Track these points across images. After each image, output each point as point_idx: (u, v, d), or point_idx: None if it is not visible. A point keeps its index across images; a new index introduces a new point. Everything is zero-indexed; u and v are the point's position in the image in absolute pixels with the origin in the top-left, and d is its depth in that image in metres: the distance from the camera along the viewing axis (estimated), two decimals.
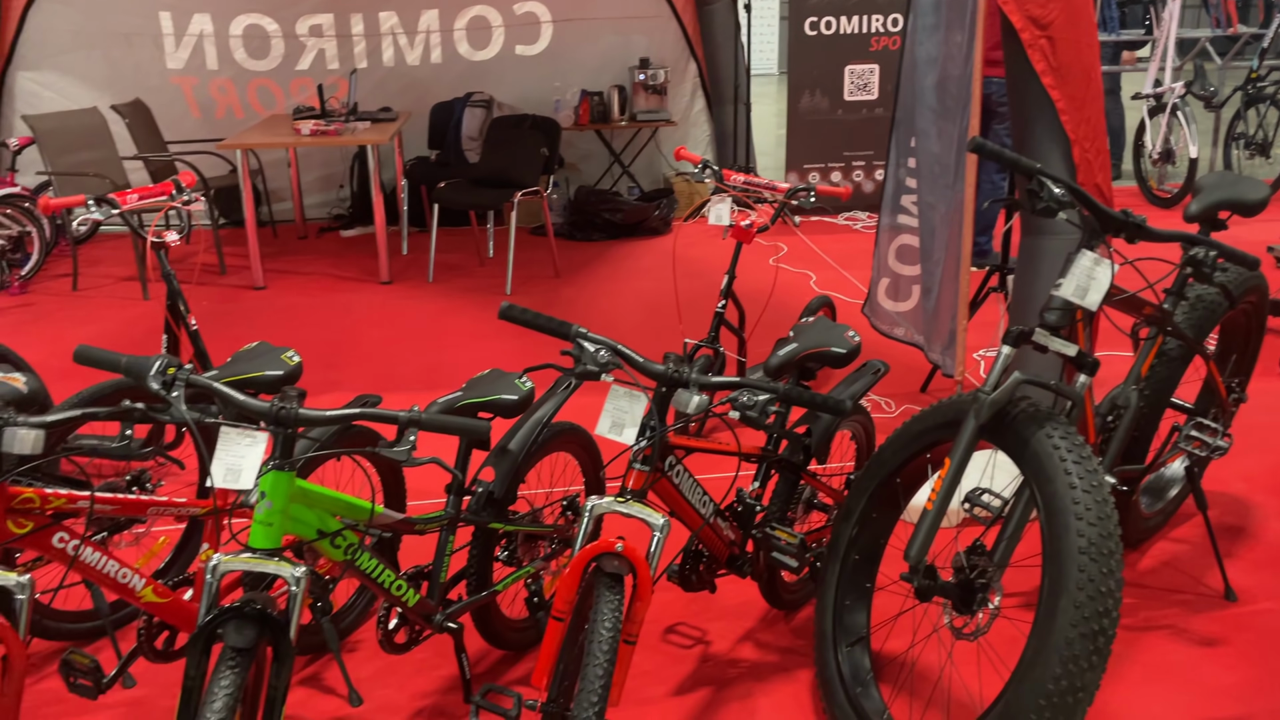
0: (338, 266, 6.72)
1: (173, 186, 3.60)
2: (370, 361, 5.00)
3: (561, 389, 2.61)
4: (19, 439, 1.73)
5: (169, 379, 1.80)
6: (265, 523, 1.85)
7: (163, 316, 3.65)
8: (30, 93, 7.46)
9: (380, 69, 7.67)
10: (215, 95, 7.59)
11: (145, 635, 2.31)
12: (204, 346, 3.60)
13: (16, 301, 6.08)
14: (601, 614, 1.91)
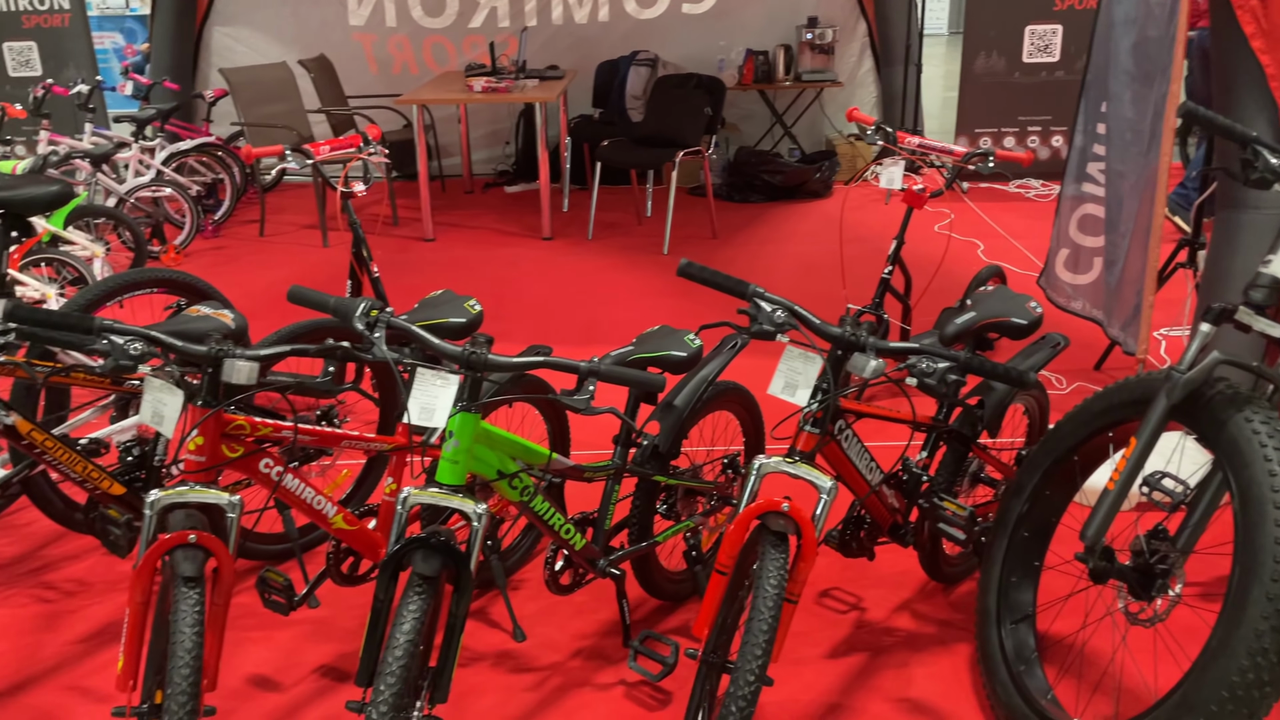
0: (502, 221, 6.91)
1: (360, 139, 3.78)
2: (531, 314, 5.14)
3: (728, 348, 2.62)
4: (237, 369, 1.88)
5: (372, 321, 1.91)
6: (452, 460, 1.95)
7: (341, 263, 3.85)
8: (225, 47, 7.91)
9: (549, 27, 7.79)
10: (393, 51, 7.87)
11: (333, 559, 2.47)
12: (384, 293, 3.78)
13: (210, 244, 6.51)
14: (767, 571, 1.93)
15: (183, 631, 1.83)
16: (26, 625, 2.73)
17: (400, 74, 7.90)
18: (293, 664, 2.57)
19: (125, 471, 2.63)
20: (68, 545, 3.10)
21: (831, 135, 7.94)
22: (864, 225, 6.54)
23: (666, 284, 5.48)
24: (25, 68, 7.79)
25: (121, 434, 2.97)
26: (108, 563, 3.00)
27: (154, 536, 1.96)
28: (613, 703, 2.41)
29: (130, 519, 2.50)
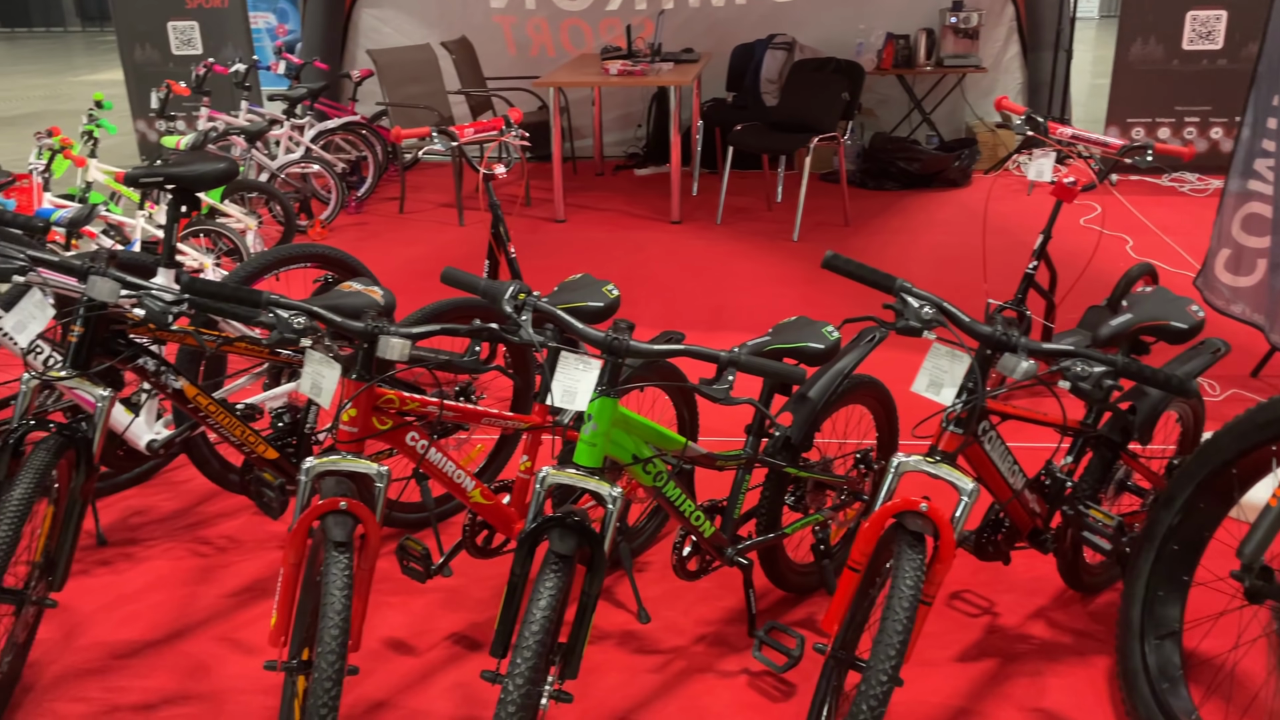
0: (631, 204, 6.95)
1: (502, 122, 3.85)
2: (659, 297, 5.16)
3: (866, 341, 2.59)
4: (391, 346, 1.95)
5: (519, 304, 1.95)
6: (590, 443, 1.98)
7: (476, 241, 3.94)
8: (371, 28, 8.17)
9: (685, 10, 7.77)
10: (531, 34, 7.99)
11: (469, 532, 2.55)
12: (520, 273, 3.85)
13: (353, 220, 6.75)
14: (903, 572, 1.90)
15: (333, 594, 1.91)
16: (183, 577, 2.90)
17: (538, 56, 8.02)
18: (426, 629, 2.66)
19: (277, 437, 2.77)
20: (221, 503, 3.28)
21: (972, 122, 7.71)
22: (1004, 216, 6.33)
23: (795, 271, 5.43)
24: (187, 46, 8.21)
25: (274, 401, 3.11)
26: (257, 522, 3.17)
27: (308, 502, 2.06)
28: (735, 691, 2.41)
29: (283, 483, 2.63)
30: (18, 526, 2.07)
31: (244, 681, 2.48)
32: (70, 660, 2.55)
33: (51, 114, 11.31)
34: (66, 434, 2.20)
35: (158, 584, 2.87)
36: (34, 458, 2.14)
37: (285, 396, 3.17)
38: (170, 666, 2.53)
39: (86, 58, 17.73)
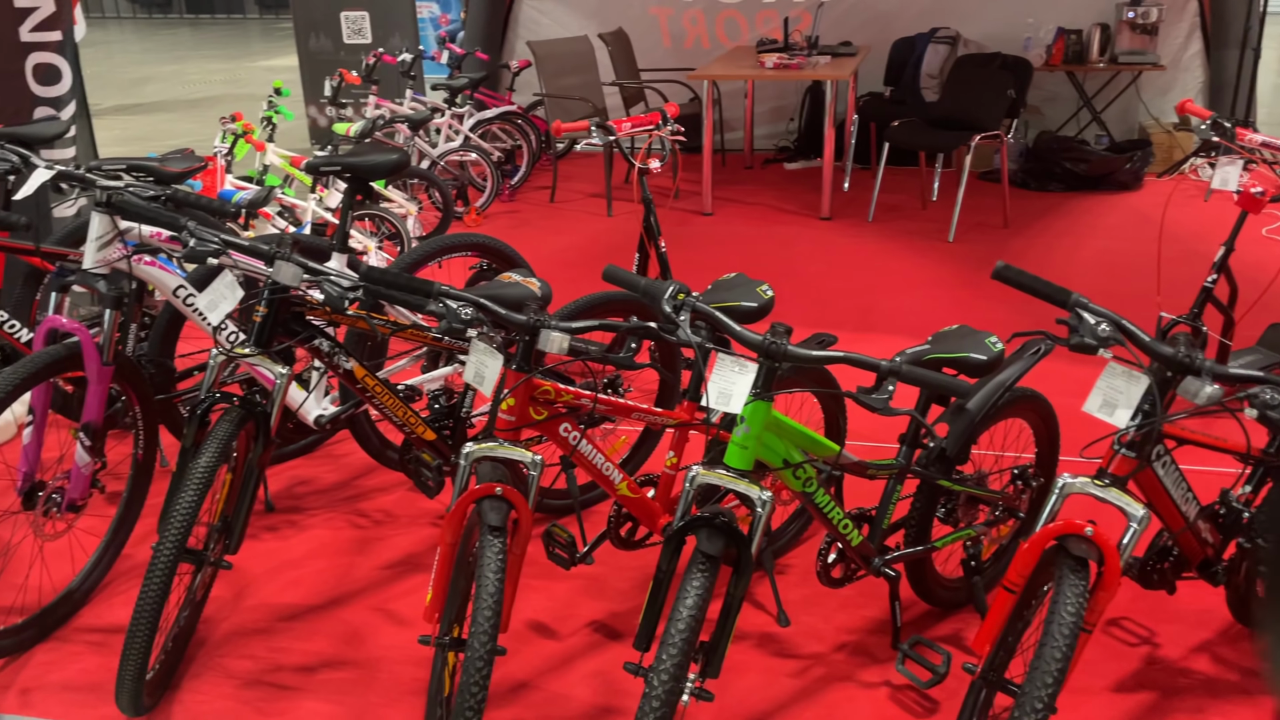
0: (780, 199, 6.89)
1: (659, 117, 3.88)
2: (806, 296, 5.11)
3: (1030, 353, 2.50)
4: (552, 340, 2.00)
5: (679, 304, 1.97)
6: (741, 445, 1.98)
7: (624, 232, 3.97)
8: (532, 19, 8.35)
9: (845, 2, 7.64)
10: (686, 26, 8.01)
11: (614, 523, 2.59)
12: (669, 267, 3.88)
13: (506, 208, 6.93)
14: (1064, 597, 1.83)
15: (487, 577, 1.98)
16: (341, 547, 3.05)
17: (692, 48, 8.03)
18: (568, 615, 2.72)
19: (435, 419, 2.87)
20: (379, 478, 3.42)
21: (1147, 123, 7.31)
22: (1177, 224, 5.99)
23: (949, 273, 5.28)
24: (357, 36, 8.56)
25: (432, 383, 3.23)
26: (411, 498, 3.30)
27: (466, 485, 2.13)
28: (876, 702, 2.38)
29: (440, 464, 2.73)
30: (202, 493, 2.22)
31: (396, 651, 2.59)
32: (239, 619, 2.72)
33: (231, 98, 11.99)
34: (247, 407, 2.34)
35: (319, 551, 3.03)
36: (218, 429, 2.28)
37: (443, 380, 3.29)
38: (328, 632, 2.67)
39: (263, 44, 18.72)
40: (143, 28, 22.35)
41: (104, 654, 2.58)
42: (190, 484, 2.20)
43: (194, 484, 2.20)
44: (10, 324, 2.96)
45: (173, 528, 2.18)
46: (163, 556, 2.17)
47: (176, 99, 12.06)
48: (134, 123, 10.52)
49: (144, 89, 12.87)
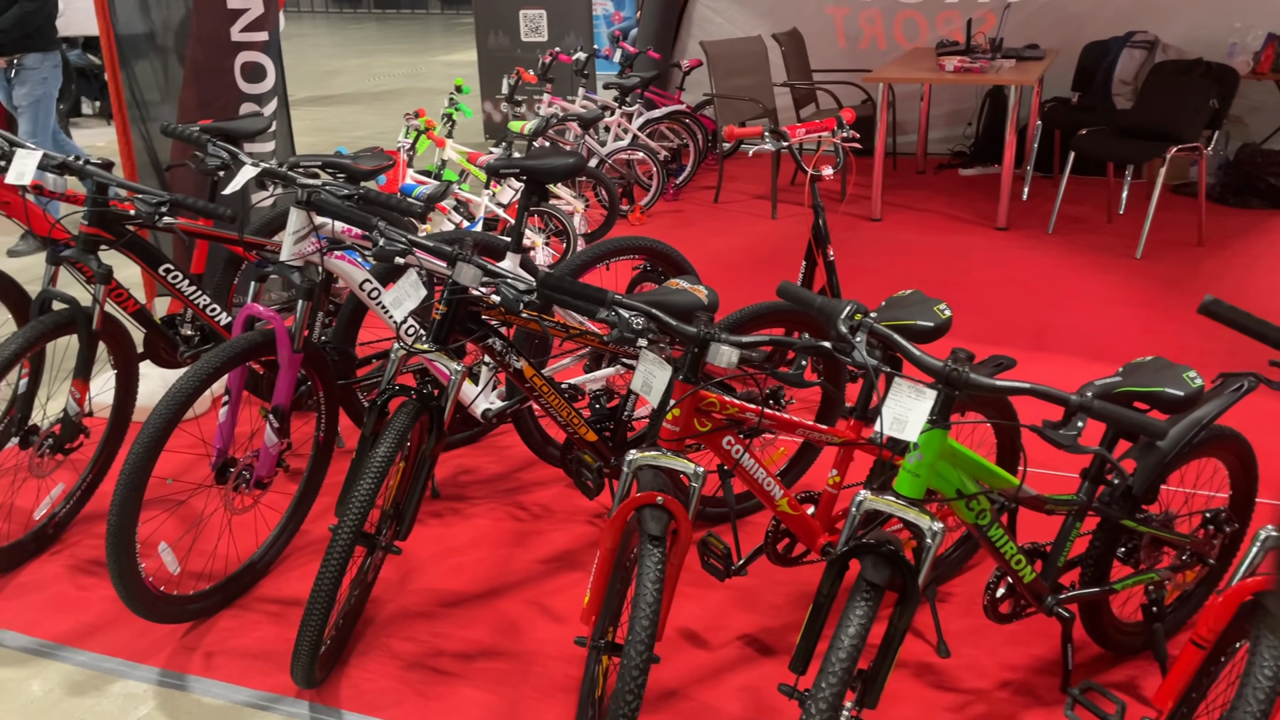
0: (953, 206, 6.67)
1: (834, 123, 3.81)
2: (979, 310, 4.92)
3: (1231, 390, 2.32)
4: (721, 354, 1.98)
5: (855, 325, 1.92)
6: (914, 473, 1.92)
7: (788, 236, 3.91)
8: (705, 19, 8.36)
9: (1033, 3, 7.32)
10: (863, 26, 7.84)
11: (771, 538, 2.56)
12: (837, 279, 3.80)
13: (670, 207, 6.96)
14: (1262, 659, 1.69)
15: (646, 585, 1.99)
16: (501, 539, 3.13)
17: (868, 48, 7.86)
18: (719, 626, 2.71)
19: (596, 420, 2.91)
20: (539, 473, 3.50)
21: None
22: None
23: (1136, 292, 4.98)
24: (534, 34, 8.77)
25: (594, 383, 3.28)
26: (569, 495, 3.36)
27: (628, 492, 2.15)
28: None
29: (600, 467, 2.76)
30: (379, 481, 2.31)
31: (550, 647, 2.64)
32: (404, 601, 2.83)
33: (412, 91, 12.51)
34: (423, 401, 2.42)
35: (480, 541, 3.12)
36: (396, 420, 2.38)
37: (605, 380, 3.33)
38: (487, 621, 2.74)
39: (443, 39, 19.46)
40: (334, 22, 23.59)
41: (280, 624, 2.73)
42: (369, 473, 2.30)
43: (372, 473, 2.30)
44: (211, 307, 3.17)
45: (351, 513, 2.29)
46: (340, 540, 2.28)
47: (362, 91, 12.66)
48: (324, 114, 11.10)
49: (334, 81, 13.58)
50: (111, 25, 3.85)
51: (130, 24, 3.86)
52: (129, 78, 3.89)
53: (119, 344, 3.08)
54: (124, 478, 2.41)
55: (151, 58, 3.89)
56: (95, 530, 3.15)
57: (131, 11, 3.83)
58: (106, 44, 3.88)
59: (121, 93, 3.88)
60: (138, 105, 3.90)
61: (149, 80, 3.92)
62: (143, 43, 3.89)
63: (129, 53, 3.89)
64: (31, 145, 2.77)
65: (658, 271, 3.67)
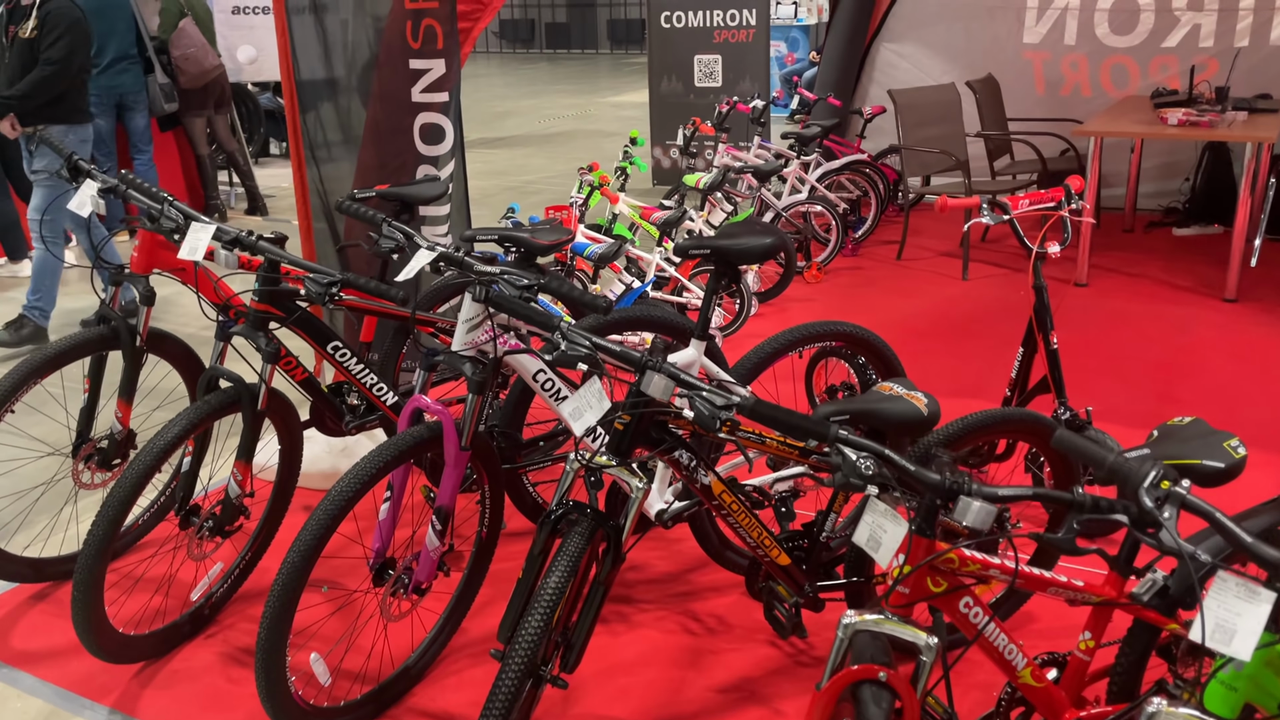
0: (1169, 272, 6.01)
1: (1063, 193, 3.36)
2: (1210, 398, 4.31)
3: None
4: (973, 511, 1.60)
5: (1162, 495, 1.51)
6: (1229, 686, 1.49)
7: (979, 299, 3.47)
8: (888, 63, 7.93)
9: (1264, 48, 6.59)
10: (1065, 71, 7.26)
11: (1004, 705, 2.14)
12: (1061, 372, 3.33)
13: (849, 264, 6.55)
14: None
15: None
16: (673, 656, 2.81)
17: (1069, 95, 7.27)
18: None
19: (787, 538, 2.56)
20: (713, 575, 3.17)
21: None
22: None
23: None
24: (709, 79, 8.55)
25: (780, 484, 2.93)
26: (746, 606, 3.01)
27: (842, 661, 1.79)
28: None
29: (798, 602, 2.41)
30: (552, 613, 2.04)
31: None
32: None
33: (581, 134, 12.53)
34: (599, 520, 2.14)
35: (649, 657, 2.80)
36: (569, 543, 2.10)
37: (791, 481, 2.98)
38: None
39: (611, 80, 19.60)
40: (507, 62, 24.21)
41: None
42: (540, 605, 2.02)
43: (544, 606, 2.02)
44: (378, 386, 3.00)
45: (520, 649, 2.02)
46: (508, 678, 2.01)
47: (532, 133, 12.77)
48: (495, 157, 11.20)
49: (505, 123, 13.77)
50: (293, 71, 3.79)
51: (312, 70, 3.80)
52: (309, 122, 3.83)
53: (284, 419, 2.94)
54: (277, 591, 2.21)
55: (332, 103, 3.82)
56: (252, 612, 3.01)
57: (313, 59, 3.77)
58: (288, 89, 3.83)
59: (300, 138, 3.81)
60: (313, 149, 3.83)
61: (331, 124, 3.85)
62: (324, 89, 3.83)
63: (309, 99, 3.83)
64: (205, 220, 2.66)
65: (851, 355, 3.31)
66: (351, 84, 3.79)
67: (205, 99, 7.83)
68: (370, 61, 3.70)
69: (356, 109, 3.82)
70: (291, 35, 3.74)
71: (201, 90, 7.73)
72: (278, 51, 3.81)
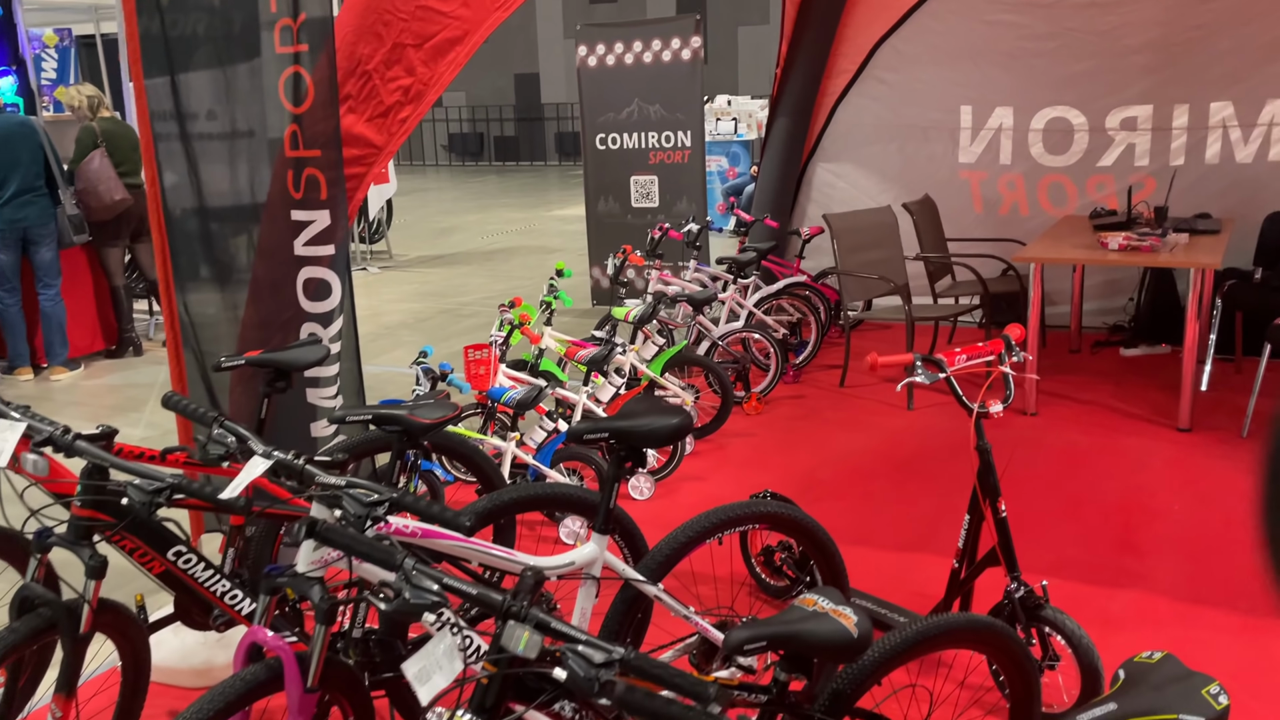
0: (1119, 397, 5.79)
1: (1001, 345, 3.11)
2: (1177, 552, 4.00)
3: None
4: None
5: None
6: None
7: (926, 432, 3.17)
8: (825, 183, 7.82)
9: (1200, 167, 6.53)
10: (1003, 190, 7.18)
11: None
12: (1011, 541, 3.01)
13: (790, 392, 6.27)
14: None
15: None
16: None
17: (1008, 214, 7.17)
18: None
19: None
20: None
21: None
22: None
23: None
24: (645, 200, 8.40)
25: None
26: None
27: None
28: None
29: None
30: None
31: None
32: None
33: (523, 250, 12.33)
34: None
35: None
36: None
37: None
38: None
39: (560, 192, 19.61)
40: (457, 175, 24.25)
41: None
42: None
43: None
44: (231, 595, 2.60)
45: None
46: None
47: (474, 250, 12.55)
48: (432, 276, 10.94)
49: (448, 239, 13.56)
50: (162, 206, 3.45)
51: (184, 207, 3.45)
52: (181, 265, 3.49)
53: (123, 633, 2.52)
54: None
55: (208, 245, 3.47)
56: None
57: (185, 196, 3.44)
58: (156, 221, 3.48)
59: (171, 275, 3.46)
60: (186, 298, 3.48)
61: (208, 265, 3.50)
62: (198, 230, 3.49)
63: (184, 237, 3.48)
64: (15, 415, 2.29)
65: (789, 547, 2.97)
66: (232, 231, 3.48)
67: (120, 229, 7.50)
68: (253, 210, 3.39)
69: (239, 255, 3.49)
70: (159, 164, 3.42)
71: (114, 221, 7.40)
72: (146, 182, 3.48)
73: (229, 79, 3.20)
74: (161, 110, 3.33)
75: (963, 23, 7.00)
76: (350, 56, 3.37)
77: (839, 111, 7.60)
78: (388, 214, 12.22)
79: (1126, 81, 6.60)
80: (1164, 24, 6.41)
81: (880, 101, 7.41)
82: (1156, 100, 6.51)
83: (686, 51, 7.80)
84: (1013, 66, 6.89)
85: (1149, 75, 6.52)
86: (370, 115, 3.39)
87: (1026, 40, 6.82)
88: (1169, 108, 6.48)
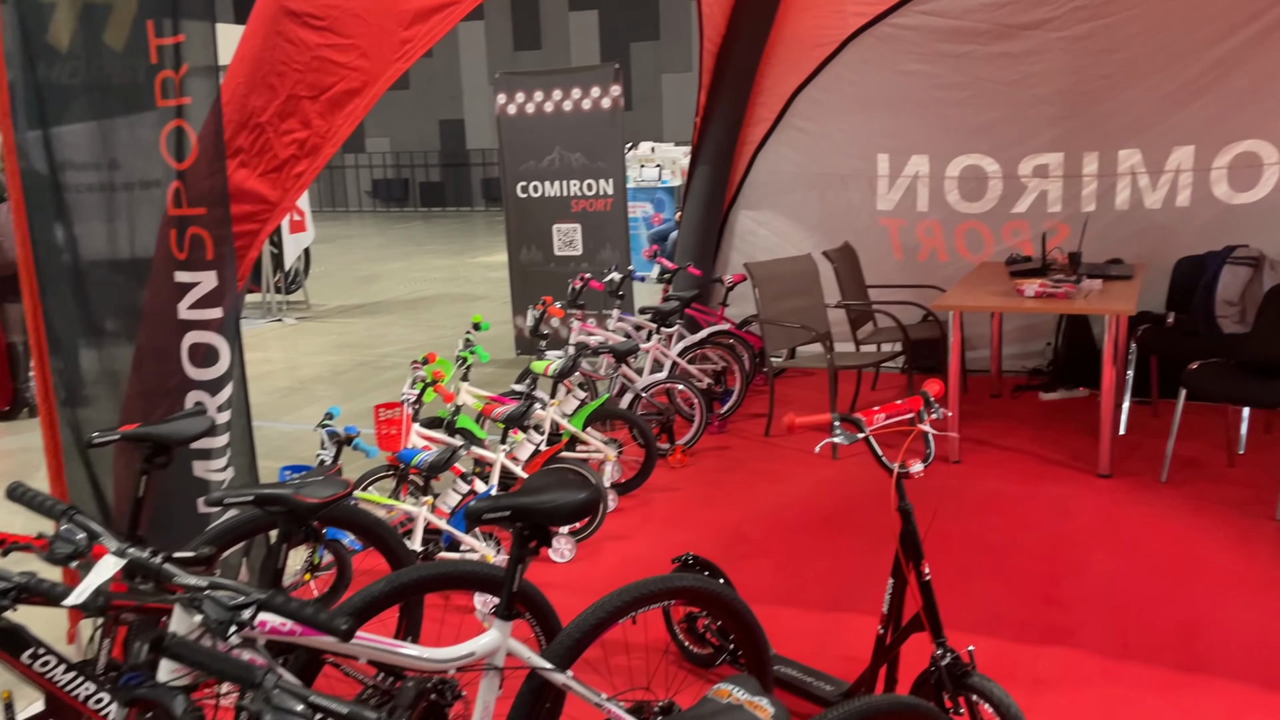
0: (1040, 443, 5.80)
1: (920, 402, 3.03)
2: (1100, 599, 3.97)
3: None
4: None
5: None
6: None
7: (851, 484, 3.07)
8: (747, 230, 7.81)
9: (1111, 213, 6.65)
10: (920, 237, 7.23)
11: None
12: (935, 604, 2.92)
13: (715, 442, 6.17)
14: None
15: None
16: None
17: (927, 260, 7.22)
18: None
19: None
20: None
21: None
22: None
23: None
24: (569, 248, 8.29)
25: None
26: None
27: None
28: None
29: None
30: None
31: None
32: None
33: (446, 298, 12.13)
34: None
35: None
36: None
37: None
38: None
39: (486, 238, 19.45)
40: (382, 221, 23.92)
41: None
42: None
43: None
44: (96, 699, 2.36)
45: None
46: None
47: (397, 298, 12.31)
48: (354, 326, 10.66)
49: (370, 288, 13.29)
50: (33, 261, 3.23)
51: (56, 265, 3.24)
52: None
53: None
54: None
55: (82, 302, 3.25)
56: None
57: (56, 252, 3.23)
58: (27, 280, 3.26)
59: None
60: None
61: None
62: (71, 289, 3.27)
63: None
64: None
65: None
66: (116, 293, 3.26)
67: (17, 284, 7.13)
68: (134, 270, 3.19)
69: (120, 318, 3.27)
70: (30, 220, 3.20)
71: (13, 276, 7.04)
72: (16, 241, 3.27)
73: (105, 133, 3.01)
74: (34, 164, 3.13)
75: (876, 73, 7.07)
76: (242, 109, 3.21)
77: (759, 159, 7.61)
78: (305, 263, 11.93)
79: (1037, 129, 6.72)
80: (1072, 73, 6.54)
81: (799, 150, 7.43)
82: (1067, 148, 6.63)
83: (607, 100, 7.75)
84: (927, 115, 6.97)
85: (1059, 123, 6.65)
86: (264, 170, 3.22)
87: (939, 89, 6.91)
88: (1079, 155, 6.59)
